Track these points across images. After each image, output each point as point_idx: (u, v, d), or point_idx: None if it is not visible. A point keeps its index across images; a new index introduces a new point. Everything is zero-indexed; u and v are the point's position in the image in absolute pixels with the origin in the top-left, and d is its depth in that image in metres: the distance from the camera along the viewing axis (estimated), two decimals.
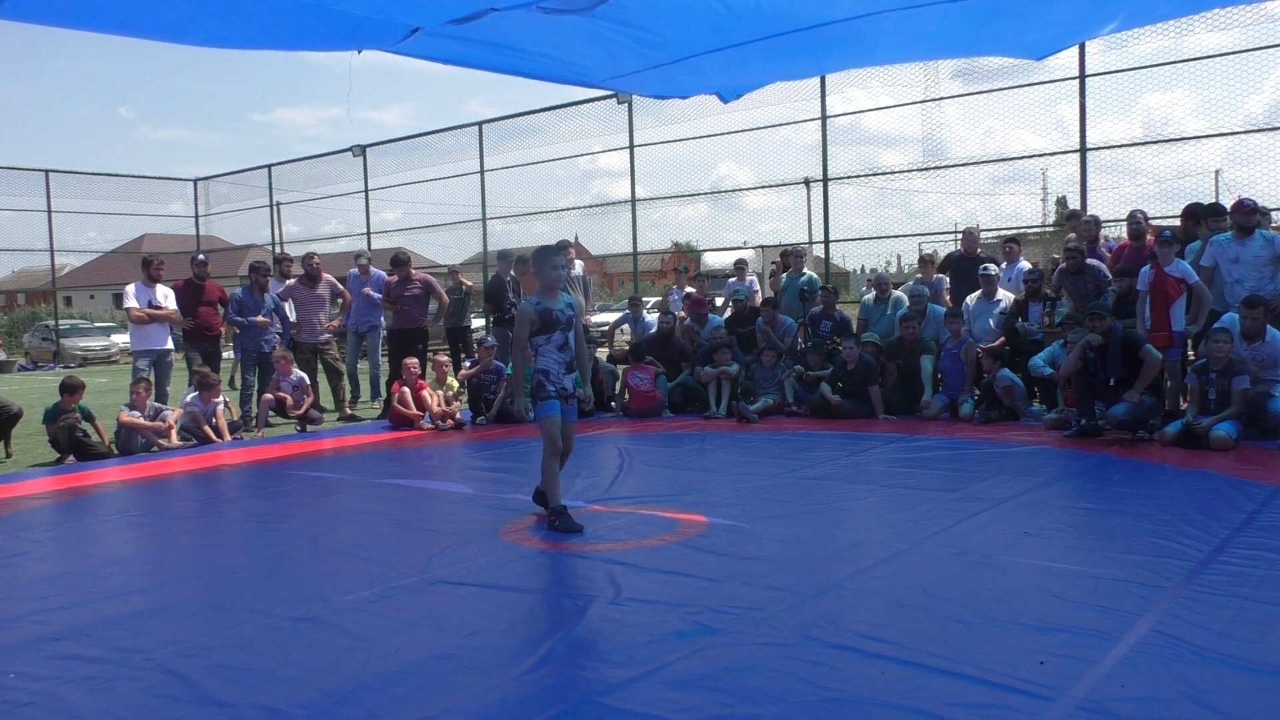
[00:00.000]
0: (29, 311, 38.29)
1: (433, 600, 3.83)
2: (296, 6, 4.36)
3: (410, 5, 4.55)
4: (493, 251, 15.85)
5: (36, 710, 2.89)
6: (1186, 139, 10.93)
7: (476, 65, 5.99)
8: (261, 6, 4.38)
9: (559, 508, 4.95)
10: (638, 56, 5.84)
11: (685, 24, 5.43)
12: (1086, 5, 5.13)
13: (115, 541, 5.30)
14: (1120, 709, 2.59)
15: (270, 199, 22.15)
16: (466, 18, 4.64)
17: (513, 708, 2.76)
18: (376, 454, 8.13)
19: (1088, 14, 5.36)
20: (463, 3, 4.51)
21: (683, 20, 5.31)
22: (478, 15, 4.58)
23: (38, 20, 4.32)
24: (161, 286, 9.71)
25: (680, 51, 5.85)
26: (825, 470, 6.42)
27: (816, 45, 5.87)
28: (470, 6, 4.53)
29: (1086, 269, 8.55)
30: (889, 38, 5.64)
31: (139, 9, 4.39)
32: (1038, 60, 6.74)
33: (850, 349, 9.05)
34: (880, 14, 5.19)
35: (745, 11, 5.30)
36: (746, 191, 29.24)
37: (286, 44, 4.97)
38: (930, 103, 12.58)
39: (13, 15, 4.08)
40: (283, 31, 4.72)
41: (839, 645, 3.14)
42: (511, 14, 4.62)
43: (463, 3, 4.51)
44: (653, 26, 5.31)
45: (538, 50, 5.50)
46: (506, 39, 5.17)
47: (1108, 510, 5.01)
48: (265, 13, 4.45)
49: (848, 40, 5.73)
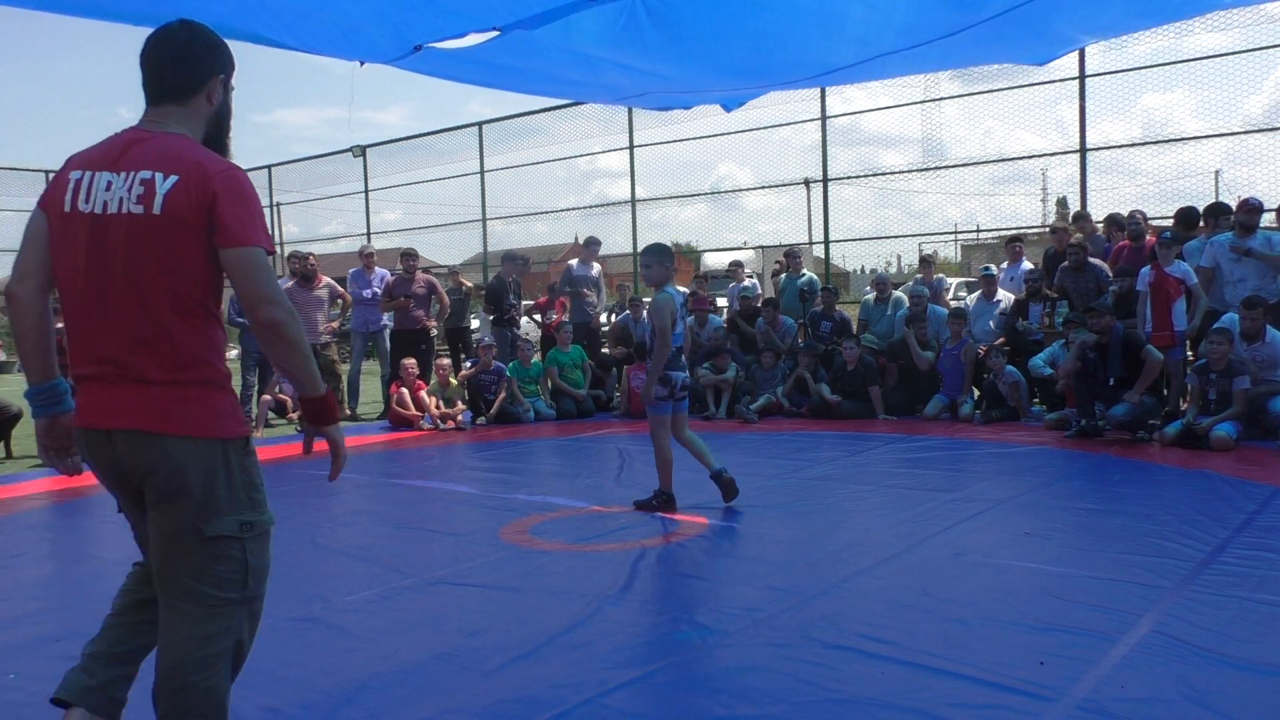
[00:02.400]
0: None
1: (433, 600, 3.83)
2: (303, 3, 4.35)
3: (414, 24, 4.56)
4: (495, 252, 15.86)
5: (37, 711, 2.88)
6: (1186, 139, 10.92)
7: (478, 83, 6.05)
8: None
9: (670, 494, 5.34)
10: (642, 86, 5.97)
11: (690, 76, 5.57)
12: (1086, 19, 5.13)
13: (116, 542, 5.29)
14: (1120, 709, 2.59)
15: (270, 199, 22.13)
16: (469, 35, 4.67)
17: (512, 708, 2.76)
18: (376, 454, 8.13)
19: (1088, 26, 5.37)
20: (464, 24, 4.54)
21: (688, 73, 5.44)
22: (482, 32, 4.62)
23: (34, 5, 4.27)
24: None
25: (683, 86, 5.99)
26: (825, 470, 6.42)
27: (820, 77, 6.05)
28: (471, 26, 4.56)
29: (1088, 267, 8.56)
30: (893, 63, 5.71)
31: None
32: (1039, 65, 6.77)
33: (850, 349, 9.06)
34: (882, 56, 5.28)
35: (749, 70, 5.44)
36: (746, 192, 29.31)
37: (289, 40, 4.97)
38: (930, 103, 12.59)
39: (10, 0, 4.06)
40: (287, 27, 4.71)
41: (839, 645, 3.14)
42: (514, 39, 4.66)
43: (464, 24, 4.54)
44: (660, 71, 5.42)
45: (540, 72, 5.55)
46: (507, 61, 5.21)
47: (1108, 511, 5.01)
48: (271, 7, 4.44)
49: (851, 72, 5.87)
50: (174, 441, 2.04)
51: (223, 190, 2.05)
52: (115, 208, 2.05)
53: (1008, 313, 9.15)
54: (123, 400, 2.05)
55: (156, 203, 2.03)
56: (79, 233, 2.07)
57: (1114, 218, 9.45)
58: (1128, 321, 7.61)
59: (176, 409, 2.05)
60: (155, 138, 2.12)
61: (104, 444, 2.09)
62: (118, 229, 2.04)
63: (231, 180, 2.07)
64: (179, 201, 2.03)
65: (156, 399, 2.05)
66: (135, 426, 2.04)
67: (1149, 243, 8.39)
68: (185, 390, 2.07)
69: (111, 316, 2.06)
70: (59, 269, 2.13)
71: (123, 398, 2.05)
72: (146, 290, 2.04)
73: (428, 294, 10.78)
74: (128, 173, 2.06)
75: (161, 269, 2.04)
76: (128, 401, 2.05)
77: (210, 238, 2.05)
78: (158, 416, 2.04)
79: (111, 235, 2.05)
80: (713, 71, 5.53)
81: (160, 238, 2.03)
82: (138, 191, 2.04)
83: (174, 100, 2.18)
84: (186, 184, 2.03)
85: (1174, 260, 7.65)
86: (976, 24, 4.71)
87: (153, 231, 2.03)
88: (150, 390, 2.05)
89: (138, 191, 2.04)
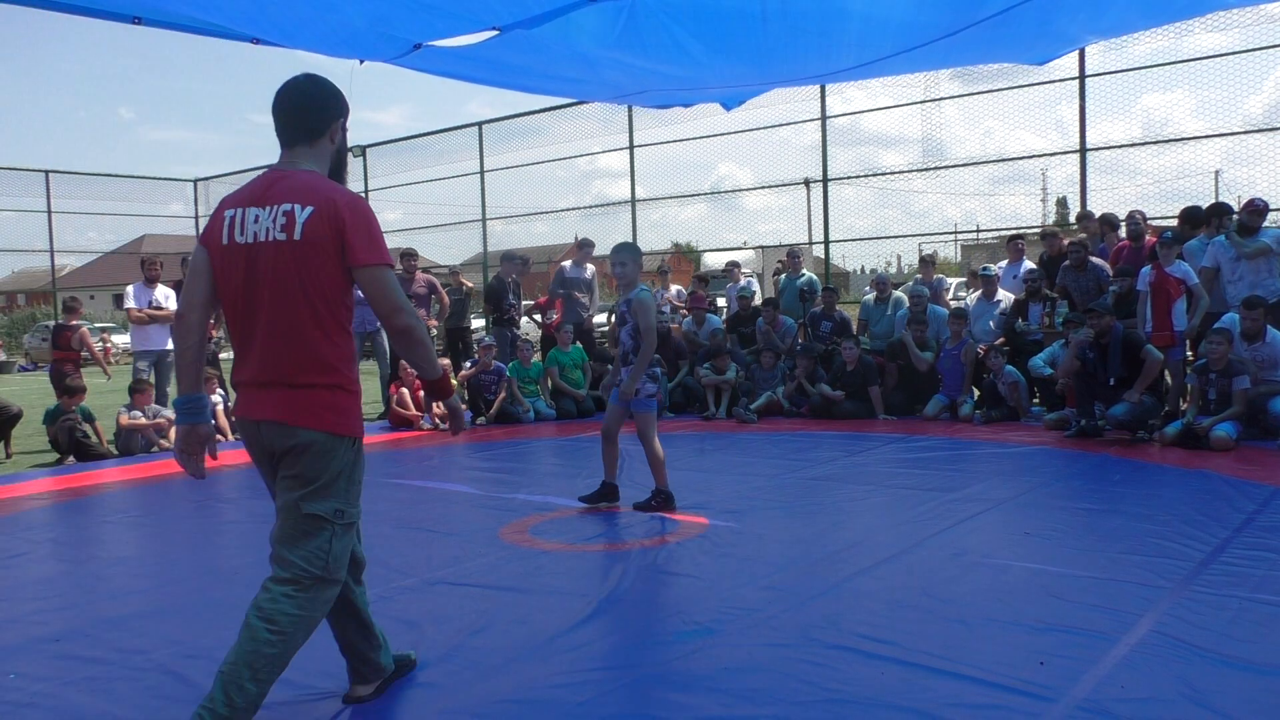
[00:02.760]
0: (29, 312, 38.27)
1: (433, 600, 3.83)
2: (303, 5, 4.35)
3: (414, 23, 4.56)
4: (495, 252, 15.85)
5: (37, 711, 2.89)
6: (1186, 139, 10.93)
7: (478, 80, 6.05)
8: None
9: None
10: (641, 84, 5.97)
11: (690, 75, 5.59)
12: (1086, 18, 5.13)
13: (115, 542, 5.30)
14: (1120, 709, 2.59)
15: None
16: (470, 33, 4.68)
17: (512, 708, 2.76)
18: (376, 455, 8.13)
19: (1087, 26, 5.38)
20: (463, 26, 4.54)
21: (688, 71, 5.46)
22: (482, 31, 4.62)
23: (32, 2, 4.26)
24: (162, 287, 9.72)
25: (683, 85, 6.01)
26: (825, 470, 6.42)
27: (821, 76, 6.08)
28: (470, 28, 4.56)
29: (1089, 266, 8.57)
30: (892, 63, 5.73)
31: None
32: (1039, 65, 6.78)
33: (850, 349, 9.06)
34: (882, 60, 5.30)
35: (748, 71, 5.46)
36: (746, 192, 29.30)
37: (288, 42, 4.97)
38: (930, 103, 12.58)
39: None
40: (287, 26, 4.71)
41: (839, 645, 3.14)
42: (514, 38, 4.66)
43: (463, 26, 4.54)
44: (659, 69, 5.43)
45: (540, 70, 5.55)
46: (507, 58, 5.21)
47: (1108, 510, 5.01)
48: (272, 5, 4.43)
49: (852, 71, 5.91)
50: (303, 433, 2.48)
51: (350, 218, 2.45)
52: (264, 236, 2.46)
53: (1008, 313, 9.15)
54: (270, 399, 2.50)
55: (297, 230, 2.44)
56: (237, 261, 2.49)
57: (1106, 217, 9.47)
58: (1128, 321, 7.61)
59: (310, 408, 2.49)
60: (292, 175, 2.52)
61: (254, 430, 2.56)
62: (266, 254, 2.45)
63: (357, 209, 2.48)
64: (315, 228, 2.43)
65: (295, 399, 2.49)
66: (277, 419, 2.50)
67: (1149, 243, 8.39)
68: (318, 394, 2.50)
69: (263, 331, 2.48)
70: (223, 294, 2.55)
71: (270, 397, 2.50)
72: (290, 307, 2.46)
73: (428, 294, 10.79)
74: (272, 206, 2.47)
75: (302, 287, 2.44)
76: (274, 400, 2.50)
77: (342, 259, 2.45)
78: (294, 413, 2.49)
79: (262, 260, 2.46)
80: (711, 72, 5.55)
81: (301, 260, 2.44)
82: (281, 221, 2.45)
83: (304, 142, 2.58)
84: (320, 213, 2.44)
85: (1174, 260, 7.65)
86: (975, 24, 4.72)
87: (294, 255, 2.44)
88: (291, 393, 2.50)
89: (281, 221, 2.45)
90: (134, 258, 20.65)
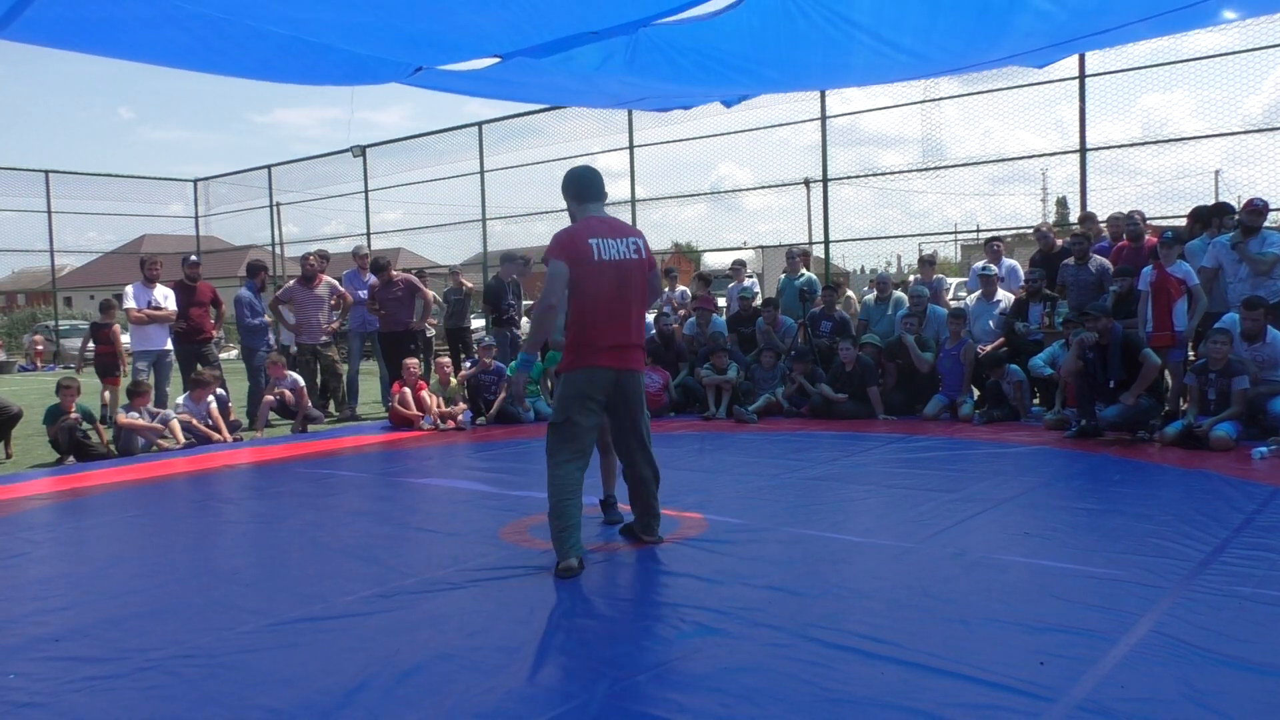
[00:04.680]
0: (29, 312, 38.25)
1: (433, 600, 3.83)
2: (300, 45, 4.38)
3: (416, 49, 4.58)
4: (495, 252, 15.85)
5: (37, 711, 2.89)
6: (1186, 139, 10.93)
7: (478, 95, 6.10)
8: (264, 43, 4.39)
9: None
10: (641, 94, 6.02)
11: (691, 93, 5.61)
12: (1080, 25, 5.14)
13: (115, 542, 5.30)
14: (1120, 709, 2.59)
15: (270, 200, 22.16)
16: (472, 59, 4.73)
17: (513, 708, 2.76)
18: (377, 455, 8.13)
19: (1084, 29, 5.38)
20: (465, 54, 4.57)
21: (689, 89, 5.48)
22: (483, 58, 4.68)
23: (44, 42, 4.31)
24: (161, 287, 9.71)
25: (686, 93, 6.05)
26: (825, 470, 6.42)
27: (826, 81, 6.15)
28: (475, 54, 4.59)
29: (1090, 260, 8.58)
30: (894, 71, 5.74)
31: (144, 38, 4.40)
32: (1039, 69, 6.79)
33: (848, 350, 9.05)
34: (889, 69, 5.32)
35: (752, 87, 5.48)
36: (746, 192, 29.26)
37: (288, 77, 5.01)
38: (929, 103, 12.60)
39: (20, 37, 4.08)
40: (285, 66, 4.75)
41: (839, 645, 3.14)
42: (517, 64, 4.69)
43: (465, 54, 4.57)
44: (660, 89, 5.46)
45: (540, 84, 5.58)
46: (509, 78, 5.24)
47: (1108, 510, 5.01)
48: (268, 49, 4.47)
49: None
50: (640, 375, 4.34)
51: (644, 243, 4.33)
52: (626, 256, 4.19)
53: (1007, 313, 9.15)
54: (630, 357, 4.23)
55: (642, 252, 4.27)
56: (609, 273, 4.11)
57: (1092, 216, 9.50)
58: (1128, 322, 7.61)
59: (640, 360, 4.32)
60: (613, 220, 4.37)
61: (613, 378, 4.19)
62: (632, 269, 4.20)
63: (643, 236, 4.36)
64: (644, 251, 4.29)
65: (639, 356, 4.30)
66: (634, 369, 4.27)
67: (1149, 243, 8.39)
68: (641, 351, 4.32)
69: (632, 316, 4.22)
70: (594, 293, 4.09)
71: (629, 355, 4.23)
72: (640, 300, 4.27)
73: (408, 295, 10.69)
74: (621, 238, 4.21)
75: (642, 287, 4.27)
76: (632, 357, 4.25)
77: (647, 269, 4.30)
78: (638, 364, 4.29)
79: (629, 273, 4.18)
80: (714, 89, 5.56)
81: (644, 272, 4.27)
82: (633, 246, 4.23)
83: (601, 201, 4.35)
84: (639, 242, 4.28)
85: (1175, 260, 7.64)
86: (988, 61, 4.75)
87: (641, 268, 4.25)
88: (639, 352, 4.29)
89: (633, 246, 4.23)
90: (133, 258, 20.63)
